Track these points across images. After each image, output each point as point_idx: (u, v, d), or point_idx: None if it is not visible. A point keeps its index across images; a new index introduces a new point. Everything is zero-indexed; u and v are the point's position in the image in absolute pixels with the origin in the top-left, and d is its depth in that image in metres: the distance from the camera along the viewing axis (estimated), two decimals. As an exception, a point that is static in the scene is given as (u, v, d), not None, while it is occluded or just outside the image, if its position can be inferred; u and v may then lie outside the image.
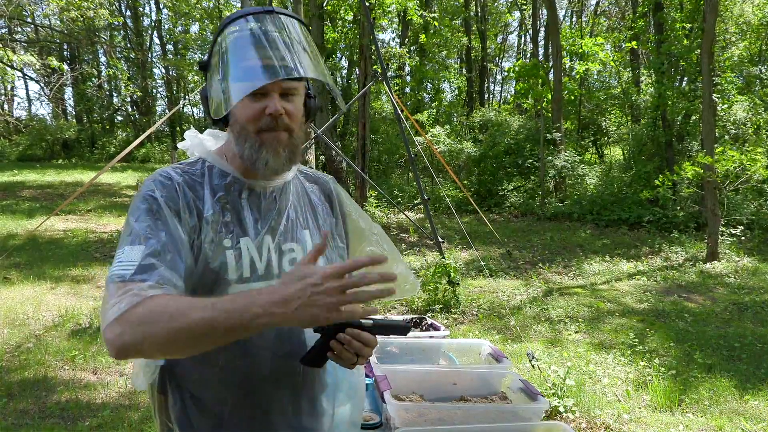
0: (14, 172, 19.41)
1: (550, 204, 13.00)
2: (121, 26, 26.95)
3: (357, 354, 1.17)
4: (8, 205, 12.72)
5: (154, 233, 1.08)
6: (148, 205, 1.12)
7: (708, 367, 4.70)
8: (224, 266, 1.16)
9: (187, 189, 1.17)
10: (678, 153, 12.81)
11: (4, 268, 7.33)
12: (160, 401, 1.25)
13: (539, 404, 1.60)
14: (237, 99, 1.14)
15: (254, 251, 1.20)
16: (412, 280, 1.49)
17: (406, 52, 17.10)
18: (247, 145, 1.18)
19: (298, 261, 1.23)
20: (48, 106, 28.74)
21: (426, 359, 2.12)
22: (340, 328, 1.16)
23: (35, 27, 20.92)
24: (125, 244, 1.08)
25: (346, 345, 1.15)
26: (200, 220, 1.16)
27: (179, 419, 1.22)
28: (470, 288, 7.06)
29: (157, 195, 1.13)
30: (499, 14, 26.13)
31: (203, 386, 1.21)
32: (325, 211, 1.38)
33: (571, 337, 5.44)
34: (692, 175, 8.81)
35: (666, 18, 13.01)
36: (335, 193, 1.43)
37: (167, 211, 1.12)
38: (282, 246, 1.24)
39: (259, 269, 1.20)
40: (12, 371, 4.32)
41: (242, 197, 1.23)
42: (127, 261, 1.04)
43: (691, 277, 7.71)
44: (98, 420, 3.63)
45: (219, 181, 1.22)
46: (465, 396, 1.80)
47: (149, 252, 1.05)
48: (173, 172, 1.20)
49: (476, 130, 18.09)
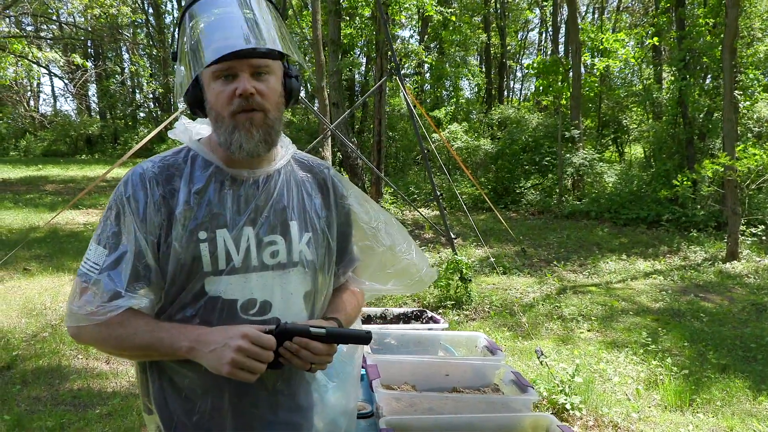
0: (39, 166, 19.83)
1: (567, 202, 12.87)
2: (143, 23, 27.31)
3: (309, 362, 1.17)
4: (31, 198, 13.00)
5: (115, 241, 1.16)
6: (117, 208, 1.18)
7: (722, 368, 4.62)
8: (197, 259, 1.16)
9: (159, 185, 1.18)
10: (699, 151, 12.58)
11: (25, 259, 7.49)
12: (143, 381, 1.27)
13: (529, 396, 1.59)
14: (195, 74, 1.16)
15: (231, 243, 1.18)
16: (426, 270, 1.45)
17: (423, 49, 17.05)
18: (222, 130, 1.17)
19: (280, 254, 1.24)
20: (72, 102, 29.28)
21: (423, 351, 2.13)
22: (286, 336, 1.14)
23: (60, 24, 21.28)
24: (95, 240, 1.18)
25: (295, 353, 1.15)
26: (170, 217, 1.17)
27: (157, 400, 1.24)
28: (483, 285, 7.03)
29: (124, 198, 1.18)
30: (519, 11, 25.90)
31: (179, 372, 1.22)
32: (318, 200, 1.34)
33: (583, 336, 5.39)
34: (712, 174, 8.66)
35: (688, 14, 12.78)
36: (331, 181, 1.37)
37: (131, 215, 1.16)
38: (263, 238, 1.22)
39: (235, 262, 1.18)
40: (27, 359, 4.41)
41: (224, 188, 1.21)
42: (93, 262, 1.16)
43: (710, 277, 7.58)
44: (108, 408, 3.70)
45: (200, 171, 1.21)
46: (457, 387, 1.80)
47: (107, 263, 1.14)
48: (149, 165, 1.21)
49: (495, 128, 17.98)
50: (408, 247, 1.45)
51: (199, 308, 1.18)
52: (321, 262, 1.31)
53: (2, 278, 6.59)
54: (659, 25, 14.22)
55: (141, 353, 1.19)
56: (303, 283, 1.27)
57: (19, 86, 23.35)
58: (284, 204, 1.26)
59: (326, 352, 1.18)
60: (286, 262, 1.24)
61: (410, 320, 2.45)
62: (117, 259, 1.14)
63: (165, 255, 1.16)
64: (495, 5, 22.88)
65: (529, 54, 31.26)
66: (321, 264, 1.31)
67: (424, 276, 1.46)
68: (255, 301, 1.20)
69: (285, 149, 1.33)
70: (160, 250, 1.16)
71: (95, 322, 1.12)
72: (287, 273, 1.24)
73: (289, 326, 1.15)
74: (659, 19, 14.10)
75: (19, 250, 7.34)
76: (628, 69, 16.87)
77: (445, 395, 1.66)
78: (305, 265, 1.27)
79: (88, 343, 1.20)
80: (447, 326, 2.32)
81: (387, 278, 1.44)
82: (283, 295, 1.23)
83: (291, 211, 1.27)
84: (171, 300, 1.19)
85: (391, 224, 1.46)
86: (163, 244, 1.16)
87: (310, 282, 1.29)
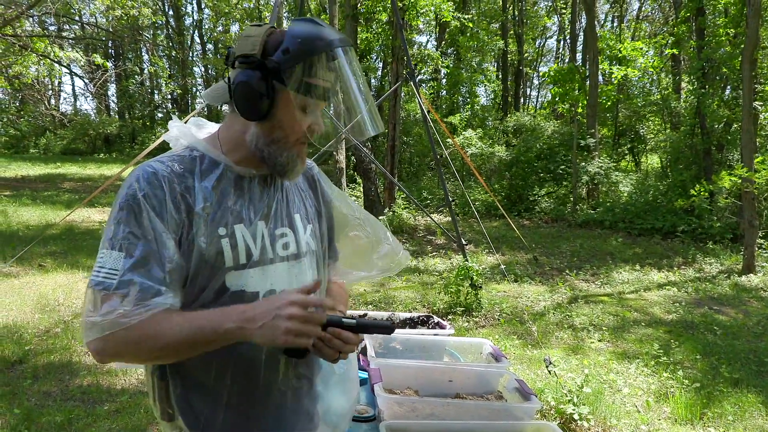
0: (57, 164, 20.10)
1: (581, 211, 12.78)
2: (163, 25, 27.64)
3: (338, 351, 1.20)
4: (49, 196, 13.18)
5: (134, 242, 1.10)
6: (130, 208, 1.12)
7: (735, 382, 4.55)
8: (220, 255, 1.18)
9: (174, 183, 1.16)
10: (717, 162, 12.44)
11: (41, 256, 7.60)
12: (161, 387, 1.25)
13: (531, 404, 1.57)
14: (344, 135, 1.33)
15: (249, 238, 1.22)
16: (403, 253, 1.55)
17: (440, 55, 17.05)
18: (285, 154, 1.24)
19: (291, 245, 1.30)
20: (92, 101, 29.66)
21: (428, 356, 2.12)
22: (322, 327, 1.17)
23: (82, 25, 21.60)
24: (106, 246, 1.11)
25: (327, 342, 1.18)
26: (189, 215, 1.16)
27: (180, 404, 1.23)
28: (494, 292, 7.00)
29: (139, 196, 1.13)
30: (537, 18, 25.82)
31: (203, 370, 1.22)
32: (309, 195, 1.43)
33: (594, 345, 5.33)
34: (729, 185, 8.55)
35: (708, 24, 12.65)
36: (317, 178, 1.47)
37: (149, 213, 1.12)
38: (275, 231, 1.27)
39: (254, 255, 1.22)
40: (39, 354, 4.47)
41: (236, 185, 1.24)
42: (109, 269, 1.09)
43: (725, 290, 7.47)
44: (116, 405, 3.73)
45: (211, 170, 1.22)
46: (461, 393, 1.79)
47: (130, 265, 1.08)
48: (159, 165, 1.18)
49: (510, 135, 17.91)
50: (385, 234, 1.55)
51: (221, 304, 1.18)
52: (322, 252, 1.41)
53: (18, 274, 6.69)
54: (679, 34, 14.10)
55: (180, 349, 1.11)
56: (312, 272, 1.35)
57: (40, 85, 23.72)
58: (287, 199, 1.34)
59: (354, 342, 1.22)
60: (297, 252, 1.31)
61: (416, 325, 2.44)
62: (143, 257, 1.10)
63: (186, 253, 1.16)
64: (513, 12, 22.84)
65: (547, 61, 31.17)
66: (322, 254, 1.41)
67: (401, 258, 1.55)
68: (275, 291, 1.25)
69: None
70: (182, 248, 1.16)
71: (130, 324, 1.06)
72: (299, 263, 1.32)
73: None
74: (679, 29, 13.98)
75: (35, 246, 7.45)
76: (647, 78, 16.73)
77: (447, 401, 1.65)
78: (311, 255, 1.36)
79: (116, 354, 1.11)
80: (453, 332, 2.30)
81: (373, 264, 1.53)
82: (298, 285, 1.28)
83: (293, 205, 1.35)
84: (192, 299, 1.19)
85: (368, 216, 1.57)
86: (184, 242, 1.16)
87: (317, 271, 1.37)
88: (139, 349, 1.09)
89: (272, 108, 1.20)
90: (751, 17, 8.11)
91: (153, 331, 1.07)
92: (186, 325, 1.08)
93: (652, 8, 23.32)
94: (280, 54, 1.16)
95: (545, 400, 3.84)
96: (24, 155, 23.93)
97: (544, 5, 26.58)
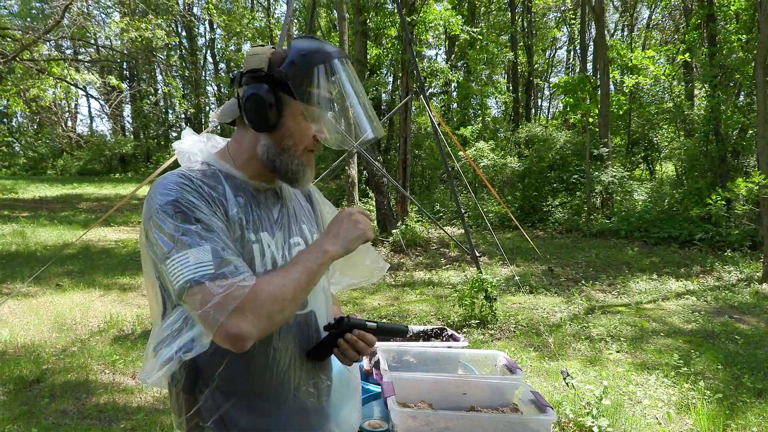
0: (74, 185, 20.38)
1: (596, 220, 12.67)
2: (176, 46, 28.06)
3: (359, 352, 1.31)
4: (66, 216, 13.35)
5: (205, 234, 1.11)
6: (177, 211, 1.12)
7: (758, 392, 4.45)
8: (252, 261, 1.22)
9: (204, 188, 1.20)
10: (733, 168, 12.29)
11: (58, 275, 7.68)
12: (189, 402, 1.24)
13: (547, 416, 1.55)
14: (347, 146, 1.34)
15: (273, 246, 1.28)
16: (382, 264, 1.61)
17: (449, 68, 17.10)
18: (296, 162, 1.29)
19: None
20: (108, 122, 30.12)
21: (442, 369, 2.10)
22: (348, 329, 1.29)
23: (97, 47, 21.99)
24: (174, 253, 1.09)
25: (352, 344, 1.29)
26: (226, 217, 1.20)
27: (211, 415, 1.22)
28: (509, 304, 6.94)
29: (179, 199, 1.14)
30: (547, 29, 25.86)
31: (232, 380, 1.22)
32: (307, 207, 1.49)
33: (612, 357, 5.25)
34: (746, 192, 8.44)
35: (719, 30, 12.58)
36: (312, 192, 1.54)
37: (204, 211, 1.14)
38: (290, 240, 1.33)
39: (278, 262, 1.27)
40: (56, 373, 4.50)
41: (254, 197, 1.29)
42: (200, 263, 1.08)
43: (745, 298, 7.34)
44: (133, 423, 3.73)
45: (228, 182, 1.26)
46: (475, 406, 1.76)
47: (215, 250, 1.10)
48: (183, 175, 1.20)
49: (522, 146, 17.87)
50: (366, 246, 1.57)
51: None
52: None
53: (35, 293, 6.76)
54: (690, 41, 14.04)
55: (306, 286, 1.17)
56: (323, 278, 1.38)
57: (57, 107, 24.15)
58: (295, 210, 1.40)
59: (374, 344, 1.34)
60: None
61: (430, 338, 2.42)
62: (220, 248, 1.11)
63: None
64: (522, 24, 22.90)
65: (557, 72, 31.15)
66: None
67: (382, 266, 1.61)
68: None
69: None
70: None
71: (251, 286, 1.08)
72: None
73: (352, 320, 1.31)
74: (690, 36, 13.92)
75: (52, 265, 7.53)
76: (659, 86, 16.64)
77: (462, 414, 1.63)
78: None
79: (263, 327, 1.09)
80: (467, 344, 2.28)
81: (359, 273, 1.59)
82: (314, 290, 1.30)
83: (300, 216, 1.41)
84: None
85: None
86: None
87: (324, 278, 1.40)
88: (280, 301, 1.10)
89: (281, 118, 1.25)
90: (763, 22, 8.05)
91: (278, 279, 1.13)
92: (299, 264, 1.18)
93: (662, 16, 23.25)
94: (286, 66, 1.22)
95: (563, 412, 3.78)
96: (42, 176, 24.32)
97: (554, 16, 26.62)
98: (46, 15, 16.50)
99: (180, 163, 1.32)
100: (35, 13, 17.72)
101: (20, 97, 16.28)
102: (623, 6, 23.72)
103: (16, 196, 17.16)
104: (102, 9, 19.72)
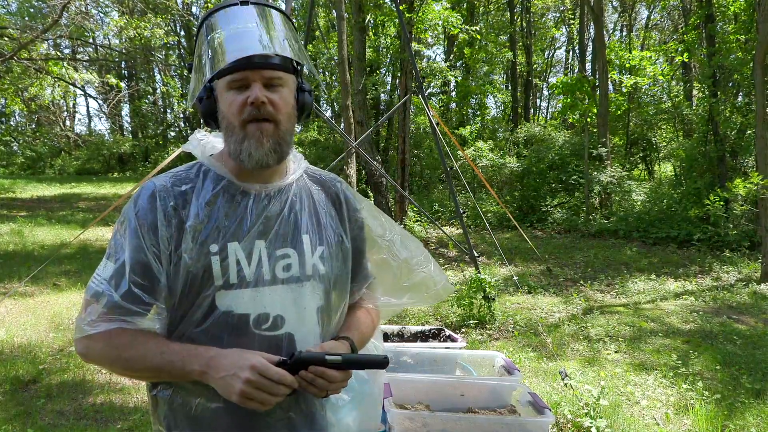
0: (72, 184, 20.34)
1: (594, 220, 12.67)
2: (175, 45, 27.99)
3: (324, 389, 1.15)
4: (64, 215, 13.32)
5: (120, 256, 1.16)
6: (125, 222, 1.19)
7: (756, 393, 4.44)
8: (208, 272, 1.15)
9: (170, 197, 1.18)
10: (732, 169, 12.30)
11: (55, 275, 7.66)
12: (153, 402, 1.24)
13: (545, 418, 1.54)
14: (208, 77, 1.17)
15: (242, 256, 1.18)
16: (444, 284, 1.45)
17: (448, 67, 17.09)
18: (233, 139, 1.19)
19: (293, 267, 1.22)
20: (106, 122, 30.08)
21: (440, 370, 2.09)
22: (302, 366, 1.12)
23: (96, 47, 21.96)
24: (105, 256, 1.20)
25: (310, 381, 1.13)
26: (180, 230, 1.16)
27: (167, 422, 1.21)
28: (507, 304, 6.93)
29: (131, 213, 1.19)
30: (546, 29, 25.85)
31: (192, 393, 1.19)
32: (331, 214, 1.33)
33: (610, 357, 5.25)
34: (745, 192, 8.44)
35: (718, 30, 12.58)
36: (344, 195, 1.38)
37: (140, 230, 1.17)
38: (275, 251, 1.21)
39: (247, 275, 1.17)
40: (53, 373, 4.48)
41: (235, 201, 1.21)
42: (101, 277, 1.17)
43: (743, 298, 7.34)
44: (129, 423, 3.72)
45: (212, 185, 1.21)
46: (473, 408, 1.75)
47: (109, 276, 1.16)
48: (159, 181, 1.22)
49: (521, 146, 17.87)
50: (425, 259, 1.46)
51: (210, 324, 1.16)
52: (335, 277, 1.30)
53: (32, 293, 6.74)
54: (689, 41, 14.05)
55: (151, 375, 1.18)
56: (316, 297, 1.25)
57: (55, 107, 24.10)
58: (296, 217, 1.26)
59: (342, 379, 1.17)
60: (299, 275, 1.23)
61: (428, 338, 2.41)
62: (119, 270, 1.16)
63: (175, 268, 1.16)
64: (521, 24, 22.90)
65: (556, 72, 31.14)
66: (335, 279, 1.30)
67: (441, 289, 1.46)
68: (268, 315, 1.18)
69: (297, 164, 1.34)
70: (171, 262, 1.16)
71: (91, 333, 1.13)
72: (300, 287, 1.23)
73: (304, 355, 1.13)
74: (689, 36, 13.93)
75: (49, 265, 7.51)
76: (658, 87, 16.65)
77: (459, 416, 1.62)
78: (318, 279, 1.26)
79: (95, 361, 1.19)
80: (465, 345, 2.27)
81: (403, 292, 1.45)
82: (297, 310, 1.21)
83: (303, 225, 1.26)
84: (181, 315, 1.18)
85: (406, 237, 1.47)
86: (173, 257, 1.16)
87: (323, 297, 1.27)
88: (116, 365, 1.17)
89: (216, 104, 1.22)
90: (762, 22, 8.05)
91: (127, 354, 1.13)
92: (158, 356, 1.13)
93: (661, 17, 23.25)
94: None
95: (562, 413, 3.77)
96: (40, 176, 24.25)
97: (552, 16, 26.61)
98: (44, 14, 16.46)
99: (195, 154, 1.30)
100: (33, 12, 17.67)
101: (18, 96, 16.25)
102: (622, 6, 23.72)
103: (13, 195, 17.11)
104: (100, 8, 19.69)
